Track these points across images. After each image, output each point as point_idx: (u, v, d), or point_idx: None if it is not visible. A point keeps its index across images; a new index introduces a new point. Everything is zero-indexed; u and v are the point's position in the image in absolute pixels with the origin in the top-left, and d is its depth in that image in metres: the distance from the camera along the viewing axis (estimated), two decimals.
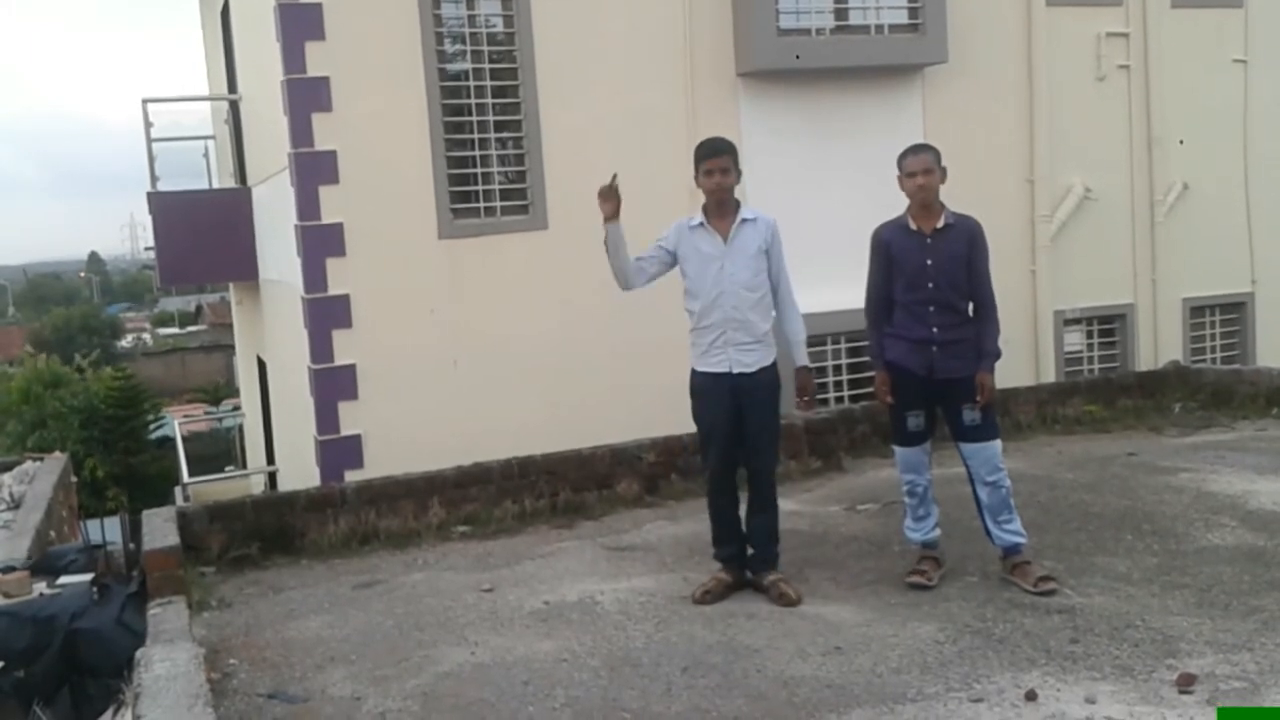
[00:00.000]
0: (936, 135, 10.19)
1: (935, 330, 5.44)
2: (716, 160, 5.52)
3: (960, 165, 10.18)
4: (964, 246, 5.47)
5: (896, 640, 4.78)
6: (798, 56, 9.50)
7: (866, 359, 9.91)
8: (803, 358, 5.69)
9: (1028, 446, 8.56)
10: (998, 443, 5.50)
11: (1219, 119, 11.41)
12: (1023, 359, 10.70)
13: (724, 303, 5.49)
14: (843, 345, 9.79)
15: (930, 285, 5.46)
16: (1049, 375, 10.67)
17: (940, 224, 5.48)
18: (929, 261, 5.46)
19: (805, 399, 5.73)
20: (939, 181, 5.49)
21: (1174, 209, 11.24)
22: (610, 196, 5.44)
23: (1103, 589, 5.28)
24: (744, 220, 5.57)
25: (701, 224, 5.58)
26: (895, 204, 10.67)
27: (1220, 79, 11.39)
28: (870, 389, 9.73)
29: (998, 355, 5.51)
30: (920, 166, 5.46)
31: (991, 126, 10.50)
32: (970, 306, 5.52)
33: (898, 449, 5.68)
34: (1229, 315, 11.84)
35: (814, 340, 9.58)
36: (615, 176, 5.46)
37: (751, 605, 5.34)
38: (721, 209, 5.56)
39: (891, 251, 5.58)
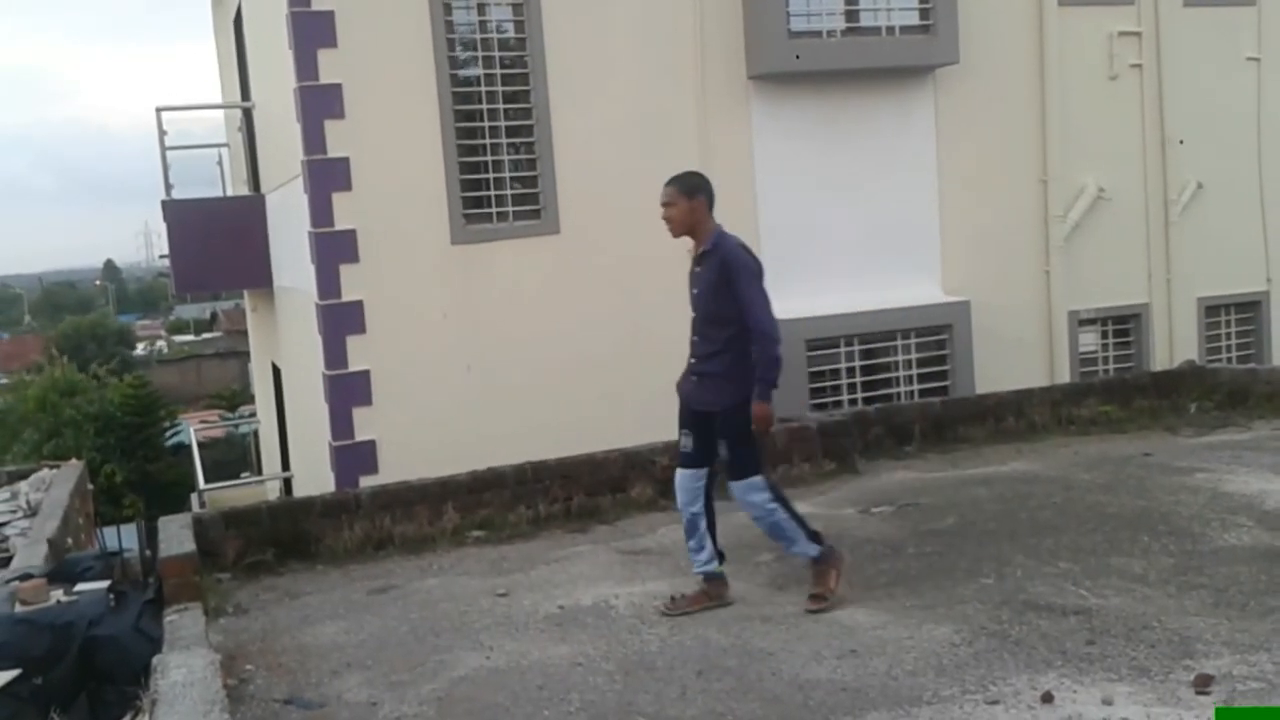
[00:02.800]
0: (948, 136, 10.25)
1: (693, 360, 5.42)
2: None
3: (973, 166, 10.32)
4: (715, 273, 5.26)
5: (912, 642, 4.77)
6: (798, 57, 9.49)
7: (879, 360, 9.95)
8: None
9: (1043, 447, 8.54)
10: (746, 481, 5.28)
11: (1233, 117, 11.38)
12: (1037, 359, 10.70)
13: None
14: (856, 347, 9.78)
15: (694, 315, 5.42)
16: (1064, 376, 10.66)
17: (699, 251, 5.39)
18: (695, 291, 5.40)
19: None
20: (684, 214, 5.34)
21: (1188, 208, 11.21)
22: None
23: (1119, 590, 5.26)
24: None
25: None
26: (905, 206, 10.72)
27: (1234, 77, 11.36)
28: (878, 390, 9.82)
29: (770, 384, 5.16)
30: (662, 198, 5.40)
31: (1004, 127, 10.49)
32: (726, 337, 5.26)
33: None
34: (1244, 314, 11.80)
35: (826, 342, 9.65)
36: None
37: (766, 609, 5.34)
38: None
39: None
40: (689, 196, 5.35)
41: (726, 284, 5.22)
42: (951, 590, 5.42)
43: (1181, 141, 11.08)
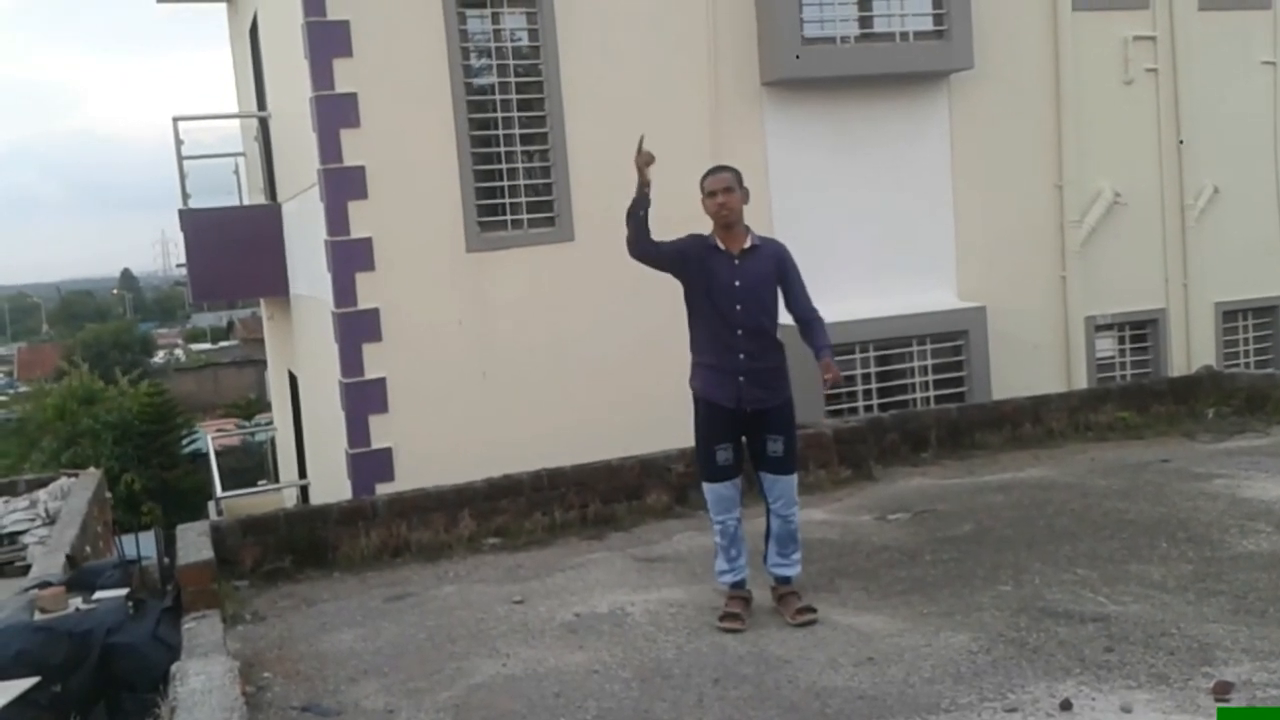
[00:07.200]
0: (963, 142, 10.23)
1: (742, 358, 5.24)
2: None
3: (988, 171, 10.31)
4: (771, 266, 5.31)
5: (929, 650, 4.76)
6: (797, 57, 9.45)
7: (895, 367, 9.88)
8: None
9: (1060, 454, 8.51)
10: (795, 476, 5.40)
11: (1248, 121, 11.33)
12: (1054, 365, 10.66)
13: None
14: (871, 354, 9.76)
15: (738, 308, 5.24)
16: (1081, 382, 10.61)
17: (747, 245, 5.32)
18: (737, 282, 5.25)
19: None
20: (740, 202, 5.31)
21: (1205, 213, 11.16)
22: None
23: (1138, 597, 5.24)
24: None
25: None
26: (920, 212, 10.68)
27: (1249, 81, 11.31)
28: (894, 397, 9.74)
29: (831, 349, 5.37)
30: (720, 185, 5.29)
31: (1019, 132, 10.47)
32: (775, 330, 5.33)
33: (706, 486, 5.45)
34: (1261, 319, 11.73)
35: (841, 349, 9.59)
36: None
37: (782, 617, 5.32)
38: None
39: (702, 261, 5.34)
40: (741, 186, 5.36)
41: (781, 278, 5.34)
42: (969, 597, 5.41)
43: (1181, 141, 11.02)
